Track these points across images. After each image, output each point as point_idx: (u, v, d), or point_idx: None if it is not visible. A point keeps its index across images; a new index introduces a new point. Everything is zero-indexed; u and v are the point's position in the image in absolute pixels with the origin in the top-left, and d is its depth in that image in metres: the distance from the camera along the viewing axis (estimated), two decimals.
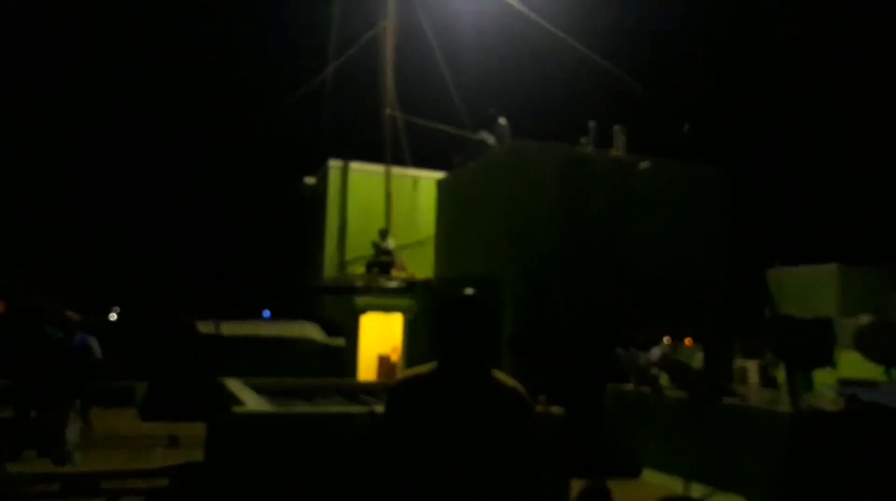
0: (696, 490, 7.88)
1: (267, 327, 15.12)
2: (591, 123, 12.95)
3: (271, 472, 5.42)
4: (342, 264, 17.10)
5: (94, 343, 9.77)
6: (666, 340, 10.09)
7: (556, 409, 6.34)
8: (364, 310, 15.05)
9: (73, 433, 8.86)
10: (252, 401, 6.19)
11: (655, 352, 9.45)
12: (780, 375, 9.25)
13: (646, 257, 11.81)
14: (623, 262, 11.71)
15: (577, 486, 6.14)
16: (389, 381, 13.57)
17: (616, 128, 12.96)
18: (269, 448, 5.45)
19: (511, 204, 12.00)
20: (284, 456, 5.46)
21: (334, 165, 17.25)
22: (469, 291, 2.72)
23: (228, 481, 5.68)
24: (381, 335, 15.89)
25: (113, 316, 22.83)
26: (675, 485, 8.19)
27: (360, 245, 16.70)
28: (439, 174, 16.28)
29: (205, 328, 13.87)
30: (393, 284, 15.06)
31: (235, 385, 7.16)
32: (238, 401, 6.07)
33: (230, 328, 13.90)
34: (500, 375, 2.60)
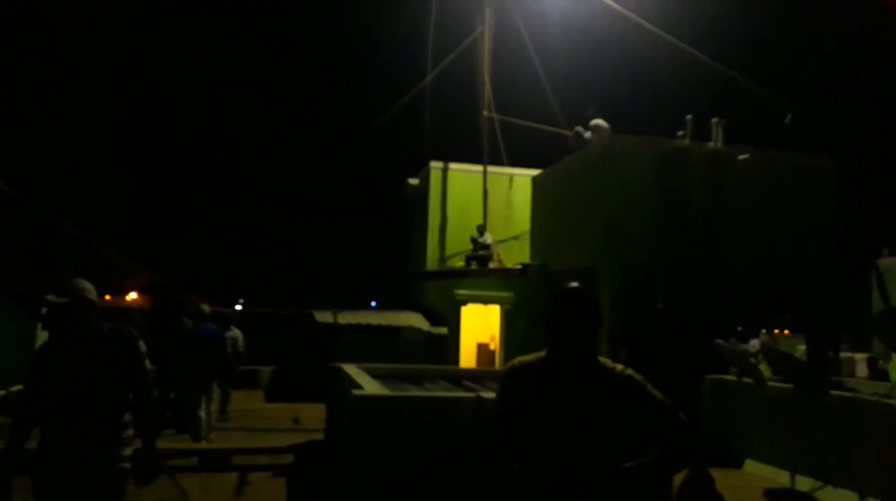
0: (803, 483, 7.43)
1: (376, 316, 15.47)
2: (688, 117, 12.43)
3: (387, 451, 5.54)
4: (443, 259, 17.28)
5: (238, 336, 10.35)
6: (763, 332, 9.60)
7: None
8: (465, 302, 15.16)
9: (207, 412, 9.36)
10: (369, 385, 6.34)
11: (755, 343, 8.99)
12: (893, 368, 8.58)
13: (746, 249, 11.25)
14: (722, 254, 11.20)
15: (678, 475, 5.92)
16: (489, 368, 13.62)
17: (714, 120, 12.39)
18: (385, 428, 5.56)
19: (608, 198, 11.71)
20: (399, 437, 5.56)
21: (435, 166, 17.44)
22: (574, 284, 2.68)
23: (348, 458, 5.86)
24: (480, 325, 15.99)
25: (238, 307, 24.00)
26: (781, 477, 7.76)
27: (459, 241, 16.82)
28: (534, 171, 16.14)
29: (321, 317, 14.38)
30: (492, 266, 15.10)
31: (352, 370, 7.35)
32: (356, 385, 6.23)
33: (344, 317, 14.35)
34: (606, 361, 2.57)
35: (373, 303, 21.45)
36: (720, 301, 10.64)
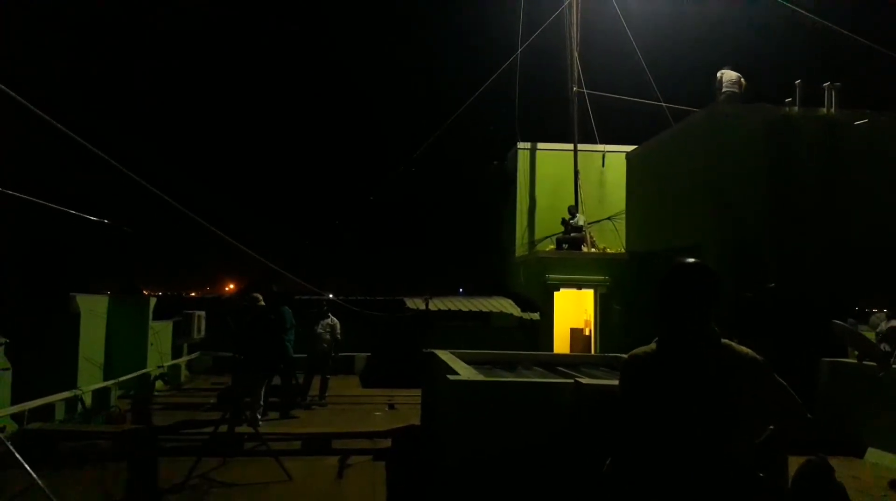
0: None
1: (467, 302, 15.64)
2: (797, 82, 11.80)
3: (484, 437, 5.64)
4: (532, 243, 17.21)
5: (336, 323, 10.82)
6: (878, 312, 9.03)
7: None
8: (557, 286, 15.04)
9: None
10: (464, 370, 6.46)
11: (882, 325, 8.46)
12: None
13: (866, 221, 10.60)
14: (840, 227, 10.61)
15: (794, 463, 5.71)
16: (585, 354, 13.50)
17: (826, 85, 11.70)
18: (481, 414, 5.66)
19: (712, 172, 11.30)
20: (496, 422, 5.64)
21: (523, 147, 17.37)
22: (690, 258, 2.60)
23: (446, 444, 6.01)
24: (574, 311, 15.82)
25: (331, 296, 24.76)
26: None
27: (549, 223, 16.69)
28: (628, 148, 15.75)
29: (412, 304, 14.69)
30: (585, 249, 14.87)
31: (446, 356, 7.50)
32: (451, 370, 6.36)
33: (434, 304, 14.60)
34: (730, 342, 2.47)
35: (460, 290, 21.64)
36: (838, 278, 10.09)
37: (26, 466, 5.38)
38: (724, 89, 12.54)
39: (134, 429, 8.97)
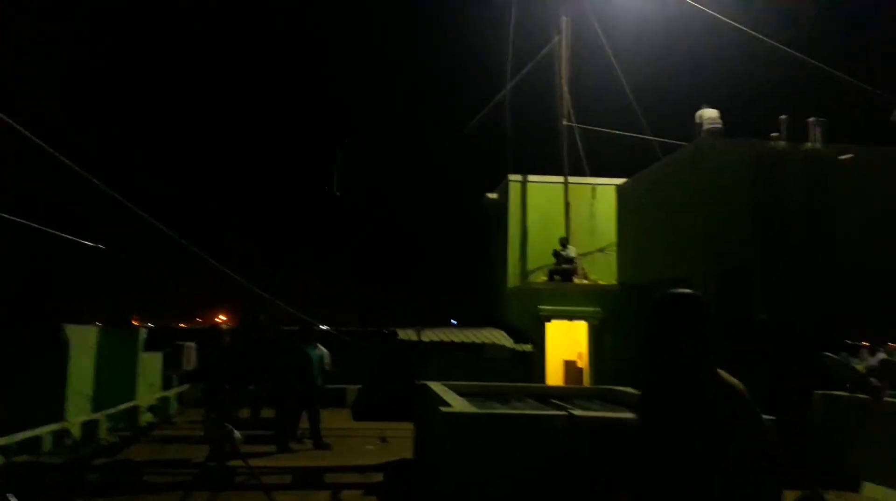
0: None
1: (459, 333, 15.61)
2: (783, 117, 12.04)
3: (477, 469, 5.62)
4: (525, 274, 17.26)
5: (325, 354, 10.71)
6: (865, 345, 9.10)
7: (765, 416, 5.96)
8: (549, 318, 15.08)
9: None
10: (456, 402, 6.46)
11: (870, 359, 8.53)
12: None
13: (854, 255, 10.74)
14: (828, 261, 10.74)
15: (789, 497, 5.71)
16: (577, 386, 13.48)
17: (811, 120, 11.95)
18: (475, 446, 5.66)
19: (700, 205, 11.46)
20: (489, 454, 5.64)
21: (514, 178, 17.51)
22: (681, 289, 2.48)
23: (439, 476, 5.97)
24: (566, 342, 15.83)
25: (323, 327, 24.68)
26: None
27: (541, 255, 16.76)
28: (618, 180, 15.95)
29: (405, 335, 14.66)
30: (576, 280, 14.94)
31: (439, 387, 7.50)
32: (444, 402, 6.36)
33: (427, 335, 14.57)
34: (723, 374, 2.35)
35: (453, 321, 21.60)
36: (828, 311, 10.18)
37: (12, 499, 5.32)
38: (706, 126, 12.78)
39: (122, 461, 8.86)
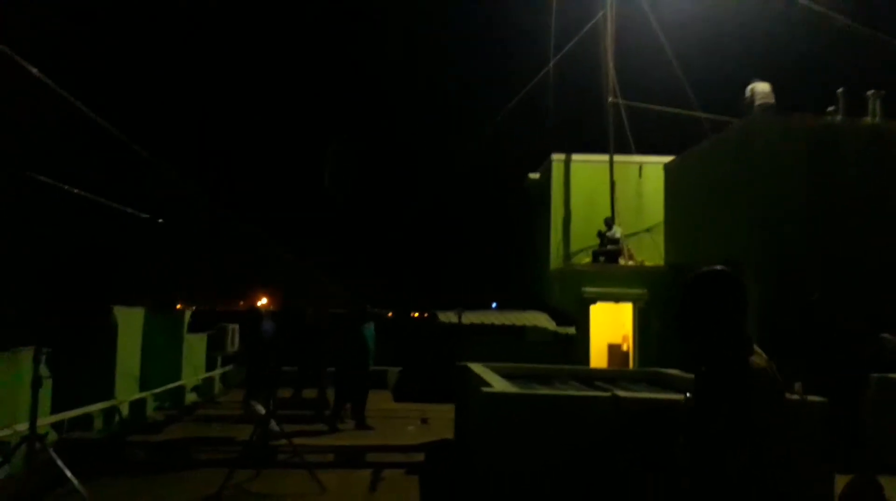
0: None
1: (500, 316, 15.65)
2: (839, 91, 11.65)
3: (518, 450, 5.65)
4: (567, 256, 17.17)
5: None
6: None
7: (814, 398, 5.85)
8: (594, 300, 14.96)
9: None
10: (498, 383, 6.49)
11: None
12: None
13: None
14: (885, 241, 10.40)
15: (841, 481, 5.62)
16: (625, 368, 13.38)
17: (870, 93, 11.53)
18: (516, 427, 5.68)
19: (752, 183, 11.19)
20: (530, 435, 5.65)
21: (557, 158, 17.36)
22: (717, 266, 2.46)
23: (479, 457, 6.03)
24: (611, 325, 15.70)
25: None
26: None
27: (585, 235, 16.63)
28: (666, 159, 15.66)
29: (445, 318, 14.77)
30: (622, 261, 14.81)
31: (480, 369, 7.55)
32: (486, 383, 6.40)
33: (468, 317, 14.65)
34: (757, 358, 2.29)
35: (493, 304, 21.63)
36: (883, 294, 9.88)
37: (68, 473, 5.56)
38: (758, 101, 12.42)
39: (169, 440, 9.18)
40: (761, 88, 12.57)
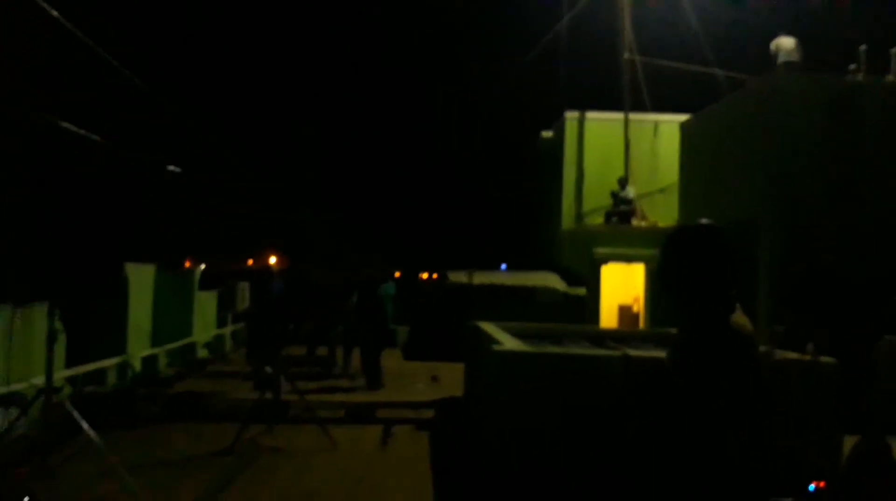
0: None
1: (510, 276, 15.74)
2: (862, 48, 11.42)
3: (528, 408, 5.75)
4: (580, 216, 17.12)
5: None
6: None
7: (825, 359, 5.92)
8: (605, 260, 14.98)
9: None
10: (509, 342, 6.57)
11: None
12: None
13: None
14: None
15: (850, 442, 5.70)
16: (636, 329, 13.47)
17: (893, 50, 11.31)
18: (526, 384, 5.77)
19: (770, 143, 11.06)
20: (540, 393, 5.74)
21: (570, 116, 17.15)
22: (705, 221, 2.38)
23: (488, 414, 6.14)
24: (622, 287, 15.72)
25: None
26: None
27: (598, 196, 16.53)
28: (682, 117, 15.47)
29: (455, 278, 14.87)
30: (635, 222, 14.78)
31: (491, 328, 7.63)
32: (496, 341, 6.49)
33: (478, 278, 14.75)
34: (738, 320, 2.21)
35: (503, 266, 21.69)
36: None
37: (84, 425, 5.72)
38: (781, 58, 12.19)
39: (181, 395, 9.38)
40: (786, 43, 12.32)
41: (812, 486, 4.95)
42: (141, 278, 11.03)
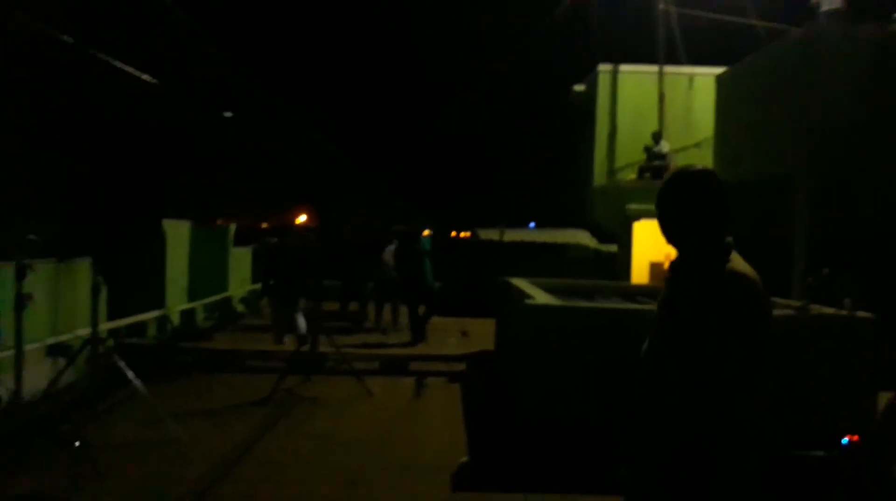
0: None
1: (541, 234, 15.73)
2: None
3: (559, 362, 5.83)
4: (612, 171, 16.96)
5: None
6: None
7: (862, 314, 5.88)
8: (637, 217, 14.88)
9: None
10: (540, 296, 6.63)
11: None
12: None
13: None
14: None
15: (884, 398, 5.70)
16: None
17: None
18: (557, 339, 5.84)
19: (809, 97, 10.79)
20: (571, 347, 5.81)
21: (604, 69, 16.86)
22: (700, 166, 2.37)
23: (520, 368, 6.24)
24: (654, 243, 15.62)
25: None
26: None
27: (631, 151, 16.34)
28: (718, 70, 15.12)
29: (486, 235, 14.92)
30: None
31: (522, 283, 7.69)
32: (528, 296, 6.55)
33: (508, 235, 14.78)
34: (736, 262, 2.18)
35: (531, 224, 21.62)
36: None
37: (129, 374, 5.95)
38: (824, 7, 11.76)
39: (219, 348, 9.65)
40: None
41: (846, 440, 4.99)
42: (178, 234, 11.26)
